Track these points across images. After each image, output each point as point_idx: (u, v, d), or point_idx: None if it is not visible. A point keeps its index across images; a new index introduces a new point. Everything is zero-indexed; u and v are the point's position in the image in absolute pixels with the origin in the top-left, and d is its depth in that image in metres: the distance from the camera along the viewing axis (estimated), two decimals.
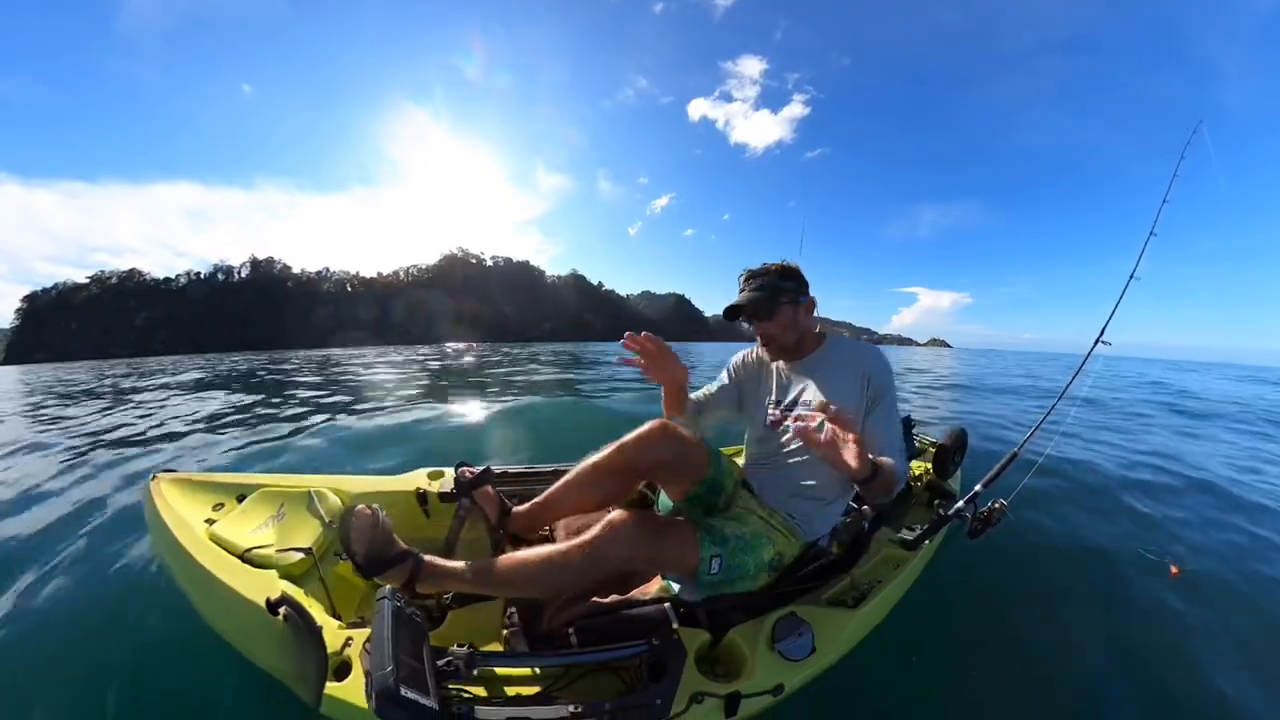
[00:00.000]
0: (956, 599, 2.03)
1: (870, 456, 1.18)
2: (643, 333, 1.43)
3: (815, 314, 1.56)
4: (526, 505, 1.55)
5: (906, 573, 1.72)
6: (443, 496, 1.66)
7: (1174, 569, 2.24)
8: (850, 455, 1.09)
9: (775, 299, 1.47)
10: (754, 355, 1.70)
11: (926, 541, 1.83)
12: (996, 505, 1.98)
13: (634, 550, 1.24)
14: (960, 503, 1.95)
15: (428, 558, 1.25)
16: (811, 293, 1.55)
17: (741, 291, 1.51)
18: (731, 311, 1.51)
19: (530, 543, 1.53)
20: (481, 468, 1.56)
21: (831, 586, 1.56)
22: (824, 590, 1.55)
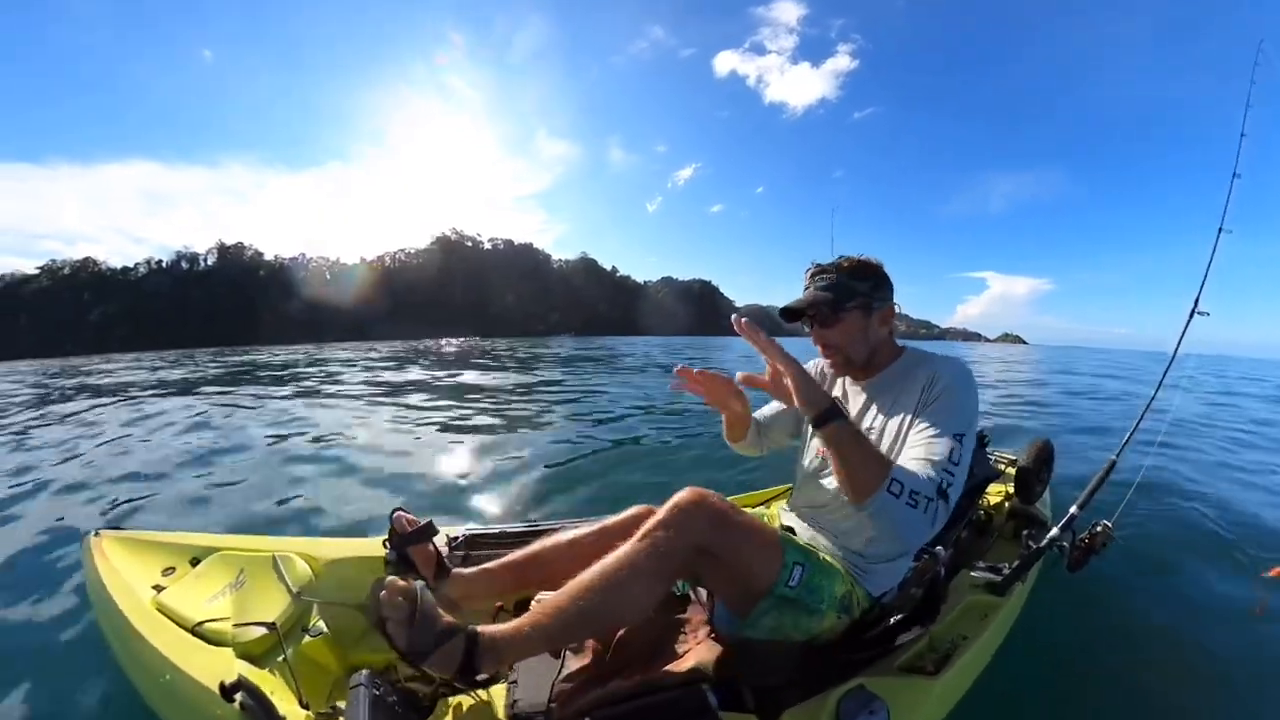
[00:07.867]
0: (1062, 650, 1.74)
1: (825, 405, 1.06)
2: (698, 369, 1.37)
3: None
4: (472, 570, 1.35)
5: (997, 624, 1.45)
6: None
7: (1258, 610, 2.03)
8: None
9: (842, 302, 1.22)
10: (822, 367, 1.44)
11: (1019, 582, 1.55)
12: (1099, 528, 1.67)
13: (712, 533, 1.09)
14: (1055, 530, 1.65)
15: (481, 627, 1.03)
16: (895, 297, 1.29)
17: (806, 289, 1.26)
18: (788, 314, 1.27)
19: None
20: (424, 521, 1.42)
21: (905, 650, 1.30)
22: (896, 655, 1.29)
